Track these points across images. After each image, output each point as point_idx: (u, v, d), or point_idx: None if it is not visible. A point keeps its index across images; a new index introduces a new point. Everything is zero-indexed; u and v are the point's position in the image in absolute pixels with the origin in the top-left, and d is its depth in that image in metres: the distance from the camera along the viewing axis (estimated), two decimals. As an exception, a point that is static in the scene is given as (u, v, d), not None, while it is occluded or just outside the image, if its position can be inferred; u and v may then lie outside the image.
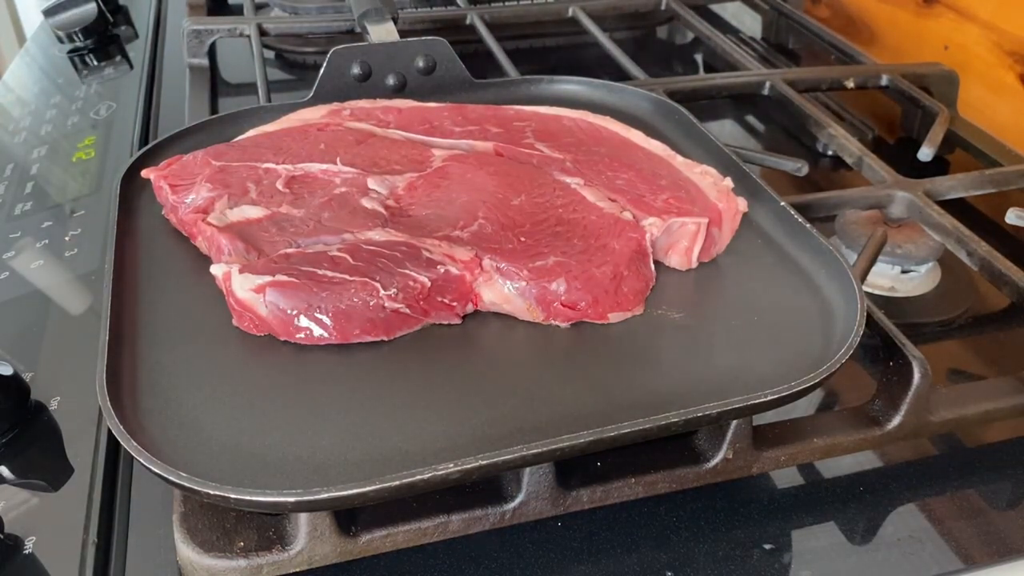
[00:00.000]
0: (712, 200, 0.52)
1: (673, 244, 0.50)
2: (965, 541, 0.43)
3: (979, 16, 0.83)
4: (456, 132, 0.59)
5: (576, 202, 0.51)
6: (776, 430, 0.45)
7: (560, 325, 0.46)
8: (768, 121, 0.83)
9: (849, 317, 0.44)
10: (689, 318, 0.47)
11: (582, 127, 0.60)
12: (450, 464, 0.35)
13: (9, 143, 0.76)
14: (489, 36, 0.84)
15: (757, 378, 0.41)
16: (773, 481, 0.46)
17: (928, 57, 0.87)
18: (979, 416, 0.47)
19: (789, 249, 0.51)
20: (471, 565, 0.41)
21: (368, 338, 0.44)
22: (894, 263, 0.59)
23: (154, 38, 0.93)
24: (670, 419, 0.38)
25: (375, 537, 0.39)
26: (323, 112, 0.60)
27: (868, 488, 0.45)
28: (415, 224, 0.49)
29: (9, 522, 0.41)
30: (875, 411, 0.46)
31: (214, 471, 0.36)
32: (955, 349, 0.56)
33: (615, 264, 0.47)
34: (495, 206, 0.50)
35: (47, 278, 0.57)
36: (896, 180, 0.63)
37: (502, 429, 0.39)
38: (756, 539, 0.42)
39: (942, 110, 0.74)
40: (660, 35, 1.03)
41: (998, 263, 0.54)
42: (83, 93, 0.83)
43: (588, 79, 0.68)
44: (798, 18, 0.95)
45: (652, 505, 0.44)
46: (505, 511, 0.41)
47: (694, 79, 0.78)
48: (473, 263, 0.46)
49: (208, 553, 0.38)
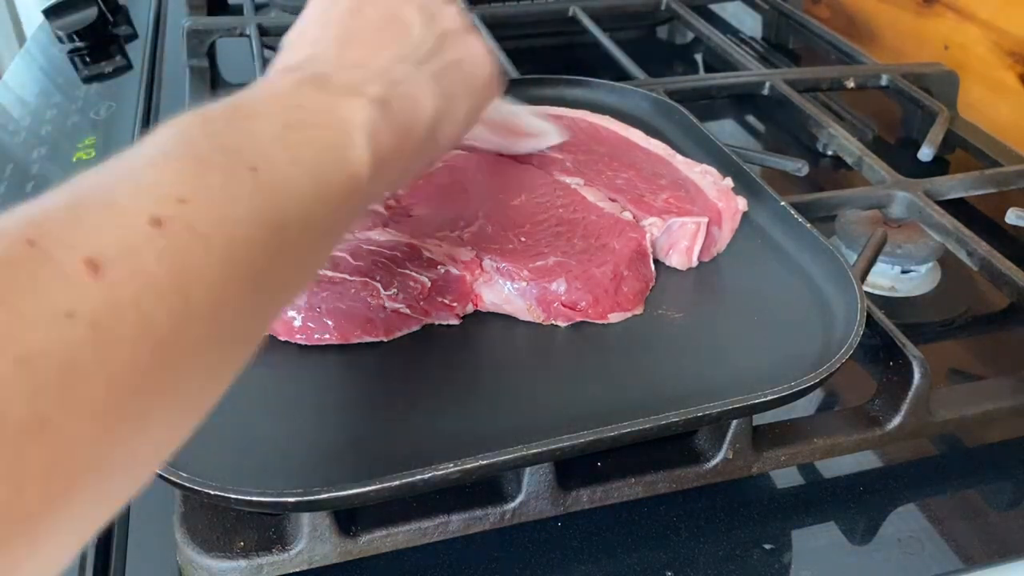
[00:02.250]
0: (712, 199, 0.52)
1: (673, 244, 0.50)
2: (965, 541, 0.43)
3: (979, 16, 0.83)
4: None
5: (576, 202, 0.51)
6: (776, 430, 0.45)
7: (560, 325, 0.46)
8: (768, 121, 0.83)
9: (849, 317, 0.44)
10: (689, 318, 0.47)
11: (582, 127, 0.60)
12: (450, 464, 0.35)
13: (9, 143, 0.76)
14: (489, 36, 0.84)
15: (757, 378, 0.41)
16: (773, 481, 0.46)
17: (928, 57, 0.87)
18: (979, 416, 0.47)
19: (789, 249, 0.51)
20: (471, 565, 0.41)
21: (368, 338, 0.44)
22: (894, 263, 0.59)
23: (154, 38, 0.93)
24: (670, 419, 0.38)
25: (375, 537, 0.39)
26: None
27: (868, 488, 0.45)
28: (416, 224, 0.49)
29: (9, 522, 0.41)
30: (875, 411, 0.46)
31: (214, 471, 0.36)
32: (955, 349, 0.56)
33: (615, 264, 0.47)
34: (496, 206, 0.50)
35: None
36: (896, 180, 0.63)
37: (502, 429, 0.39)
38: (756, 539, 0.42)
39: (942, 110, 0.74)
40: (660, 35, 1.03)
41: (998, 263, 0.54)
42: (83, 93, 0.83)
43: (588, 79, 0.68)
44: (798, 18, 0.95)
45: (652, 505, 0.44)
46: (505, 511, 0.41)
47: (694, 79, 0.78)
48: (473, 264, 0.46)
49: (208, 553, 0.38)
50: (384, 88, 0.34)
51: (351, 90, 0.33)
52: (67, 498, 0.21)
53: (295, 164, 0.29)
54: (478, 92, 0.41)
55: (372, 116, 0.33)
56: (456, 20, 0.41)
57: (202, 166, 0.26)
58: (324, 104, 0.32)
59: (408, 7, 0.39)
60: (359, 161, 0.32)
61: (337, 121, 0.32)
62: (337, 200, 0.31)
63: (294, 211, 0.28)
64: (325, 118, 0.32)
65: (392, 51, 0.37)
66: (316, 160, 0.30)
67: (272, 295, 0.29)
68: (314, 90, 0.33)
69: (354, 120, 0.32)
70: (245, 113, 0.30)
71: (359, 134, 0.32)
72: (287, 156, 0.29)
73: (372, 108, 0.33)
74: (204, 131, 0.28)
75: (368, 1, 0.39)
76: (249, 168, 0.27)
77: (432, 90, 0.37)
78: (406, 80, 0.36)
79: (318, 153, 0.30)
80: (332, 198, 0.30)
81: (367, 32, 0.38)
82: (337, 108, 0.32)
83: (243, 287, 0.26)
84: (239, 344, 0.28)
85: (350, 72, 0.35)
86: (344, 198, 0.31)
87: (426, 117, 0.36)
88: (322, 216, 0.30)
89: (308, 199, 0.29)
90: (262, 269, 0.27)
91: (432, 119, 0.37)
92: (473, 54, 0.41)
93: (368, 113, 0.33)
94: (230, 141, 0.28)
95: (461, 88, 0.39)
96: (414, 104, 0.36)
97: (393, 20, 0.39)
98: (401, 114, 0.35)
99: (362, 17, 0.38)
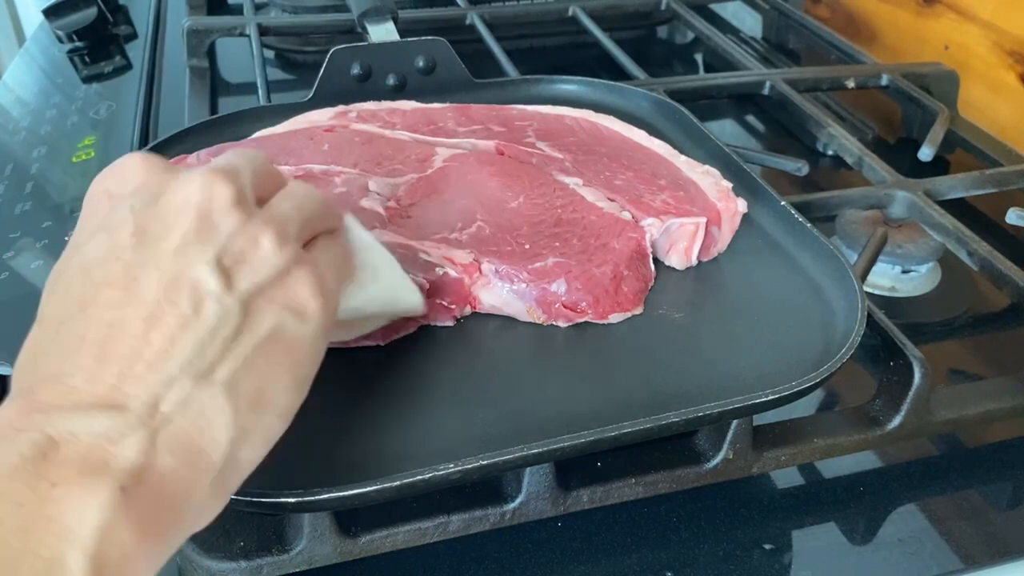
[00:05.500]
0: (712, 200, 0.51)
1: (673, 244, 0.50)
2: (965, 541, 0.43)
3: (979, 16, 0.82)
4: (460, 132, 0.59)
5: (575, 202, 0.51)
6: (776, 430, 0.45)
7: (560, 325, 0.46)
8: (768, 121, 0.83)
9: (850, 317, 0.44)
10: (689, 318, 0.47)
11: (584, 126, 0.60)
12: (450, 464, 0.35)
13: (9, 143, 0.76)
14: (489, 36, 0.84)
15: (757, 378, 0.41)
16: (773, 481, 0.46)
17: (928, 57, 0.87)
18: (979, 416, 0.47)
19: (790, 249, 0.51)
20: (471, 565, 0.41)
21: (364, 343, 0.44)
22: (894, 263, 0.59)
23: (154, 38, 0.93)
24: (671, 419, 0.38)
25: (375, 537, 0.39)
26: (330, 115, 0.60)
27: (868, 488, 0.45)
28: (414, 226, 0.49)
29: (9, 522, 0.41)
30: (875, 411, 0.46)
31: (214, 471, 0.36)
32: (955, 349, 0.56)
33: (615, 264, 0.47)
34: (494, 208, 0.50)
35: (47, 278, 0.57)
36: (896, 180, 0.63)
37: (502, 429, 0.39)
38: (756, 539, 0.42)
39: (942, 110, 0.74)
40: (660, 35, 1.03)
41: (998, 263, 0.54)
42: (83, 93, 0.83)
43: (588, 79, 0.68)
44: (798, 18, 0.95)
45: (652, 505, 0.44)
46: (505, 511, 0.41)
47: (694, 79, 0.78)
48: (472, 267, 0.46)
49: (208, 553, 0.38)
50: (143, 442, 0.25)
51: (89, 466, 0.24)
52: None
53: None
54: (304, 358, 0.31)
55: (110, 510, 0.24)
56: (270, 263, 0.30)
57: None
58: (37, 513, 0.23)
59: (199, 265, 0.28)
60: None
61: (52, 538, 0.23)
62: None
63: None
64: (34, 538, 0.23)
65: (169, 357, 0.27)
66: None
67: None
68: (30, 476, 0.24)
69: (79, 529, 0.24)
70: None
71: (76, 555, 0.23)
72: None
73: (112, 496, 0.24)
74: None
75: (139, 265, 0.28)
76: None
77: (226, 409, 0.27)
78: (184, 409, 0.27)
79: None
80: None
81: (135, 327, 0.27)
82: (58, 512, 0.24)
83: None
84: None
85: (98, 421, 0.25)
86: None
87: (217, 454, 0.27)
88: None
89: None
90: None
91: (228, 447, 0.28)
92: (296, 307, 0.30)
93: (105, 505, 0.24)
94: None
95: (276, 376, 0.29)
96: (197, 442, 0.27)
97: (175, 294, 0.28)
98: (169, 475, 0.26)
99: (129, 296, 0.27)
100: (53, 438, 0.25)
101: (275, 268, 0.30)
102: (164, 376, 0.27)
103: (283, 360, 0.30)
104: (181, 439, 0.26)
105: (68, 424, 0.25)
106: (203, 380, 0.27)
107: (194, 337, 0.27)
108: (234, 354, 0.28)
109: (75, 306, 0.28)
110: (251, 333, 0.28)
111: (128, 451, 0.25)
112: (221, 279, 0.28)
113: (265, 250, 0.29)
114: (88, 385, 0.26)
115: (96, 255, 0.29)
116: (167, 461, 0.26)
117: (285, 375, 0.30)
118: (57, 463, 0.24)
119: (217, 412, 0.27)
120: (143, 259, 0.28)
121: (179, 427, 0.26)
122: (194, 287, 0.28)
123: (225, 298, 0.28)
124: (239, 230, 0.29)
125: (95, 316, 0.27)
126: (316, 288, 0.31)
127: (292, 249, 0.30)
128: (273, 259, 0.30)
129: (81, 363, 0.26)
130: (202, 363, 0.27)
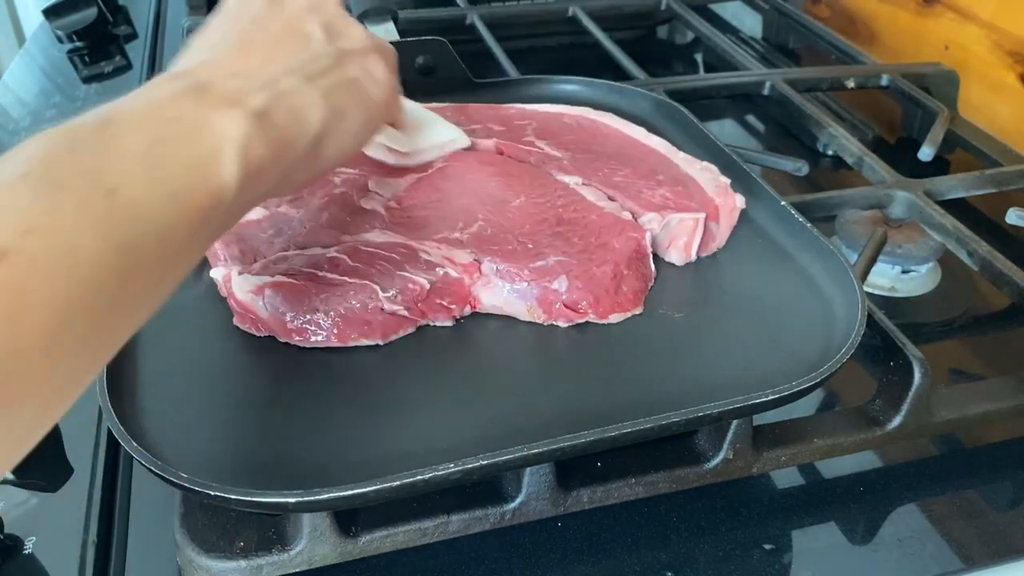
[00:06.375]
0: (710, 195, 0.52)
1: (672, 240, 0.50)
2: (966, 541, 0.43)
3: (979, 16, 0.82)
4: (459, 132, 0.59)
5: (576, 201, 0.51)
6: (776, 430, 0.45)
7: (560, 325, 0.46)
8: (768, 121, 0.83)
9: (850, 317, 0.44)
10: (689, 318, 0.47)
11: (583, 125, 0.60)
12: (450, 464, 0.35)
13: (9, 143, 0.76)
14: (489, 36, 0.84)
15: (757, 378, 0.41)
16: (773, 481, 0.46)
17: (928, 57, 0.87)
18: (979, 416, 0.47)
19: (790, 249, 0.51)
20: (471, 565, 0.41)
21: (364, 341, 0.44)
22: (894, 263, 0.59)
23: (154, 38, 0.93)
24: (671, 419, 0.38)
25: (375, 537, 0.39)
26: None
27: (868, 488, 0.45)
28: (415, 226, 0.49)
29: (9, 522, 0.41)
30: (875, 411, 0.46)
31: (214, 472, 0.36)
32: (955, 349, 0.56)
33: (615, 263, 0.47)
34: (495, 207, 0.50)
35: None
36: (896, 180, 0.63)
37: (502, 429, 0.39)
38: (756, 539, 0.42)
39: (942, 110, 0.74)
40: (660, 35, 1.03)
41: (998, 263, 0.54)
42: (83, 93, 0.83)
43: (588, 79, 0.68)
44: (798, 18, 0.95)
45: (652, 505, 0.44)
46: (505, 511, 0.41)
47: (694, 79, 0.78)
48: (472, 267, 0.46)
49: (208, 553, 0.38)
50: (266, 99, 0.35)
51: (230, 101, 0.33)
52: None
53: (155, 185, 0.29)
54: (372, 112, 0.41)
55: (247, 129, 0.33)
56: (359, 41, 0.42)
57: (56, 193, 0.26)
58: (198, 117, 0.32)
59: (312, 23, 0.40)
60: (226, 175, 0.32)
61: (208, 135, 0.32)
62: (197, 217, 0.31)
63: (150, 231, 0.29)
64: (196, 133, 0.32)
65: (284, 63, 0.37)
66: (178, 178, 0.30)
67: (125, 311, 0.29)
68: (191, 101, 0.32)
69: (227, 134, 0.32)
70: (114, 131, 0.30)
71: (229, 149, 0.32)
72: (148, 176, 0.29)
73: (248, 121, 0.33)
74: (68, 149, 0.28)
75: (273, 13, 0.40)
76: (106, 192, 0.28)
77: (320, 104, 0.37)
78: (293, 92, 0.36)
79: (182, 171, 0.30)
80: (192, 215, 0.30)
81: (265, 42, 0.38)
82: (211, 122, 0.32)
83: (88, 311, 0.26)
84: (84, 364, 0.28)
85: (235, 81, 0.35)
86: (205, 214, 0.31)
87: (310, 131, 0.37)
88: (180, 232, 0.30)
89: (165, 217, 0.29)
90: (111, 291, 0.27)
91: (317, 134, 0.37)
92: (372, 75, 0.41)
93: (243, 126, 0.33)
94: (91, 162, 0.28)
95: (353, 106, 0.40)
96: (298, 117, 0.36)
97: (293, 33, 0.39)
98: (281, 127, 0.35)
99: (263, 27, 0.39)
100: (204, 83, 0.34)
101: (361, 44, 0.42)
102: (283, 67, 0.37)
103: (360, 102, 0.40)
104: (290, 109, 0.36)
105: (214, 78, 0.34)
106: (308, 82, 0.37)
107: (306, 54, 0.39)
108: (329, 77, 0.39)
109: (219, 33, 0.39)
110: (341, 72, 0.40)
111: (256, 100, 0.34)
112: (325, 35, 0.40)
113: (357, 32, 0.42)
114: (230, 64, 0.36)
115: (238, 9, 0.40)
116: (280, 117, 0.35)
117: (360, 112, 0.40)
118: (210, 94, 0.33)
119: (313, 105, 0.37)
120: (274, 13, 0.40)
121: (289, 102, 0.36)
122: (307, 34, 0.40)
123: (327, 47, 0.40)
124: (341, 15, 0.42)
125: (237, 31, 0.39)
126: (385, 69, 0.43)
127: (374, 42, 0.43)
128: (360, 41, 0.42)
129: (228, 52, 0.37)
130: (308, 71, 0.38)
